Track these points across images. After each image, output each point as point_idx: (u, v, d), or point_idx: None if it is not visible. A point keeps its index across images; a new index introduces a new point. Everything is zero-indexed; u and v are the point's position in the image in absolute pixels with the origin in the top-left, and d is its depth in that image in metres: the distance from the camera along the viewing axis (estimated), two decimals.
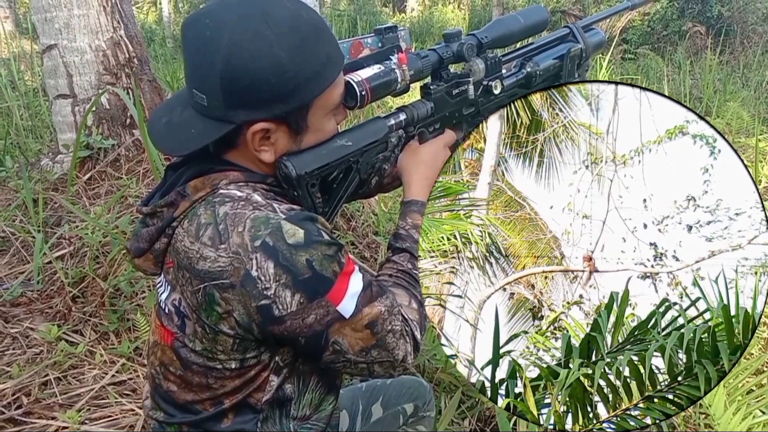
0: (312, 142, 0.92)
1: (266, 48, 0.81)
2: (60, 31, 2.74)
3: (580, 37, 1.14)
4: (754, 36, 8.31)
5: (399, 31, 1.02)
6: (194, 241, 0.86)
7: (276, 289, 0.81)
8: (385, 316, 0.88)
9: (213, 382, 0.93)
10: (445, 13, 13.72)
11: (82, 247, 2.37)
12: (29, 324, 2.16)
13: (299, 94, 0.85)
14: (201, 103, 0.86)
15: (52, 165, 2.86)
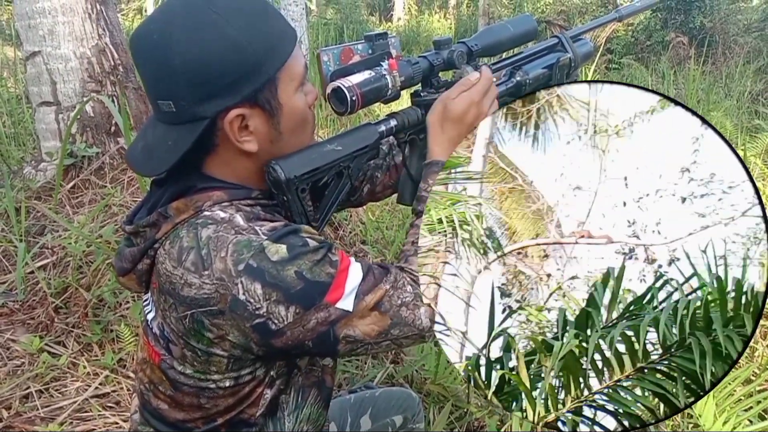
0: (291, 126, 0.90)
1: (218, 31, 0.80)
2: (44, 38, 2.71)
3: (568, 47, 1.15)
4: (735, 47, 8.43)
5: (389, 38, 1.01)
6: (177, 265, 0.83)
7: (268, 306, 0.79)
8: (390, 293, 0.85)
9: (205, 402, 0.91)
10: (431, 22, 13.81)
11: (65, 257, 2.33)
12: (10, 335, 2.12)
13: (262, 68, 0.83)
14: (170, 111, 0.83)
15: (35, 173, 2.82)
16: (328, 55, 0.97)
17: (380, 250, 2.84)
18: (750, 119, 5.39)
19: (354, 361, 2.11)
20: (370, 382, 1.96)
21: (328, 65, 0.97)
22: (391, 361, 2.13)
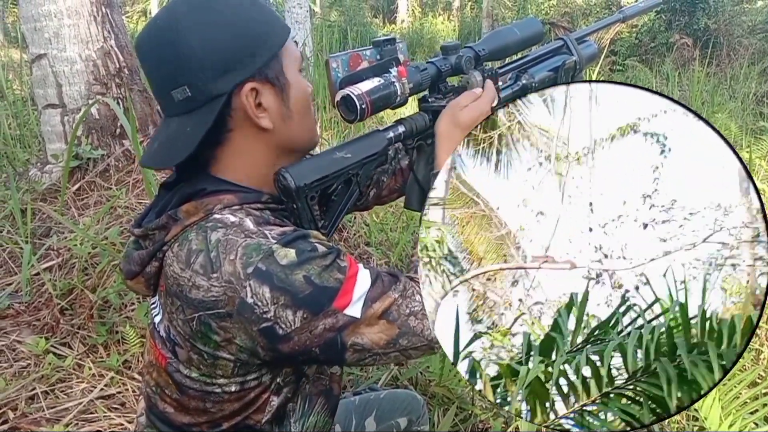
0: (299, 105, 0.93)
1: (222, 16, 0.86)
2: (50, 41, 2.72)
3: (573, 49, 1.15)
4: (740, 48, 8.41)
5: (397, 43, 1.01)
6: (185, 267, 0.83)
7: (275, 311, 0.79)
8: (399, 302, 0.84)
9: (211, 406, 0.91)
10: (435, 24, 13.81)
11: (71, 259, 2.34)
12: (16, 337, 2.13)
13: (267, 44, 0.88)
14: (185, 98, 0.85)
15: (40, 175, 2.84)
16: (337, 61, 0.97)
17: (384, 252, 2.84)
18: (755, 121, 5.38)
19: None
20: (375, 384, 1.96)
21: (337, 72, 0.97)
22: (395, 363, 2.13)
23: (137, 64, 2.97)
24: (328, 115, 4.26)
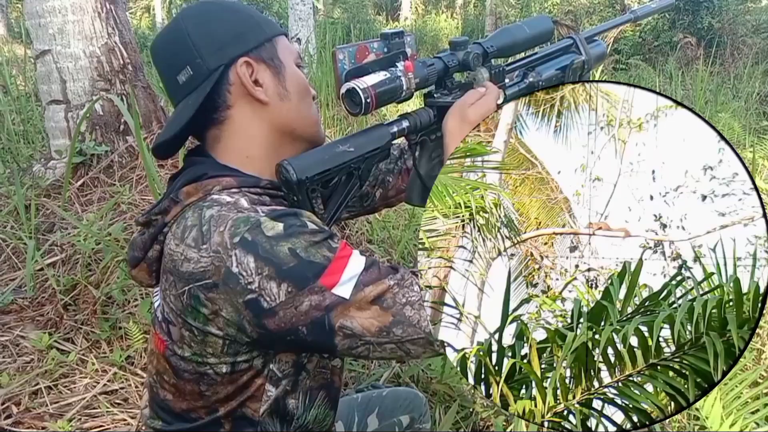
0: (296, 88, 0.99)
1: (221, 7, 0.97)
2: (54, 37, 2.72)
3: (582, 48, 1.14)
4: (744, 47, 8.40)
5: (405, 36, 1.01)
6: (179, 243, 0.86)
7: (260, 281, 0.79)
8: (395, 290, 0.81)
9: (205, 389, 0.92)
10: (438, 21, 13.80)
11: (74, 254, 2.34)
12: (20, 332, 2.13)
13: (261, 28, 0.98)
14: (188, 78, 0.94)
15: (44, 171, 2.84)
16: (343, 53, 0.97)
17: (386, 249, 2.84)
18: (758, 120, 5.38)
19: (360, 360, 2.12)
20: (377, 381, 1.97)
21: (343, 63, 0.96)
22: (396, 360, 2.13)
23: (141, 61, 2.97)
24: (331, 112, 4.26)
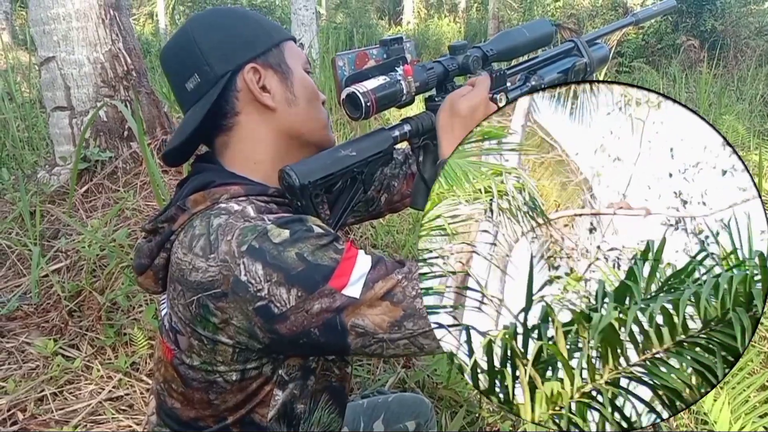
0: (304, 94, 0.99)
1: (228, 17, 0.99)
2: (58, 44, 2.73)
3: (584, 51, 1.14)
4: (747, 50, 8.37)
5: (405, 42, 1.01)
6: (187, 252, 0.85)
7: (269, 288, 0.79)
8: (403, 284, 0.80)
9: (214, 397, 0.91)
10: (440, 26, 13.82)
11: (79, 261, 2.35)
12: (25, 338, 2.14)
13: (267, 34, 0.98)
14: (196, 85, 0.94)
15: (48, 177, 2.85)
16: (343, 59, 0.97)
17: (391, 254, 2.84)
18: (762, 122, 5.36)
19: (366, 366, 2.11)
20: (382, 387, 1.96)
21: (343, 70, 0.97)
22: (402, 365, 2.12)
23: (145, 67, 2.99)
24: (334, 116, 4.27)
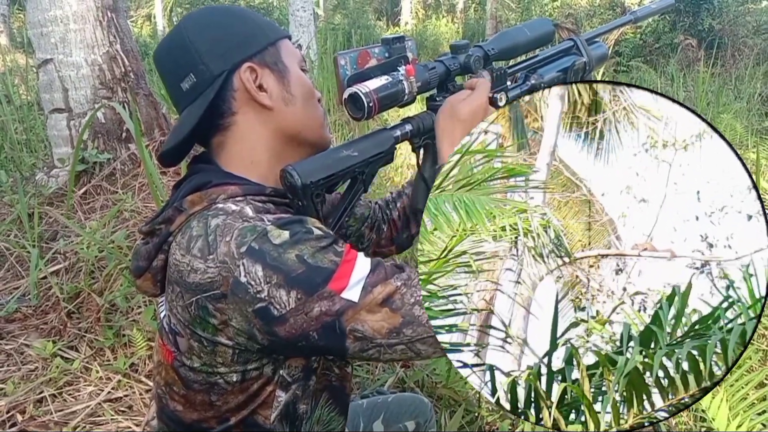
0: (301, 92, 0.98)
1: (222, 15, 0.97)
2: (56, 46, 2.73)
3: (584, 50, 1.14)
4: (744, 49, 8.39)
5: (406, 41, 1.01)
6: (185, 253, 0.85)
7: (269, 290, 0.79)
8: (402, 290, 0.80)
9: (216, 399, 0.91)
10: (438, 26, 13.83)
11: (78, 262, 2.35)
12: (24, 340, 2.13)
13: (264, 32, 0.97)
14: (191, 85, 0.93)
15: (47, 179, 2.84)
16: (345, 58, 0.97)
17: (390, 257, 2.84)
18: (760, 121, 5.37)
19: (365, 366, 2.11)
20: (382, 386, 1.96)
21: (345, 69, 0.96)
22: (401, 365, 2.12)
23: (142, 68, 2.98)
24: (333, 116, 4.27)
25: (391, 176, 3.74)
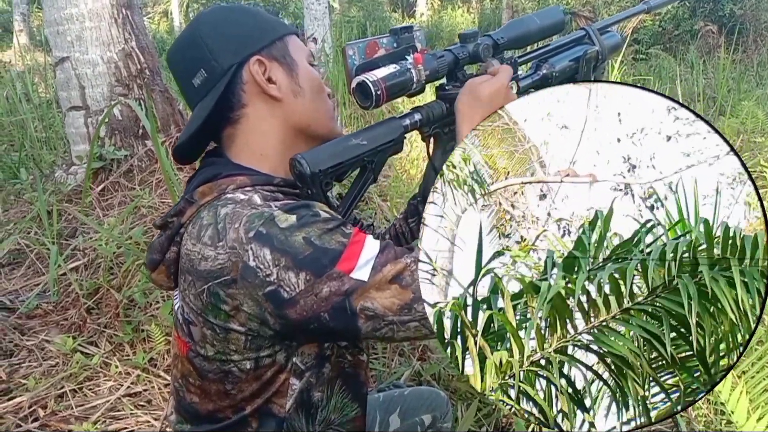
0: (309, 85, 0.99)
1: (233, 12, 1.00)
2: (72, 44, 2.75)
3: (596, 39, 1.13)
4: (767, 34, 8.22)
5: (414, 31, 1.01)
6: (196, 242, 0.87)
7: (278, 273, 0.80)
8: (412, 267, 0.80)
9: (231, 387, 0.92)
10: (454, 17, 13.74)
11: (96, 259, 2.38)
12: (45, 336, 2.16)
13: (273, 27, 1.00)
14: (203, 80, 0.96)
15: (66, 177, 2.88)
16: (353, 49, 0.97)
17: None
18: None
19: (381, 359, 2.11)
20: (398, 380, 1.96)
21: (353, 59, 0.97)
22: (418, 358, 2.12)
23: (158, 65, 3.00)
24: (348, 110, 4.26)
25: (407, 168, 3.73)
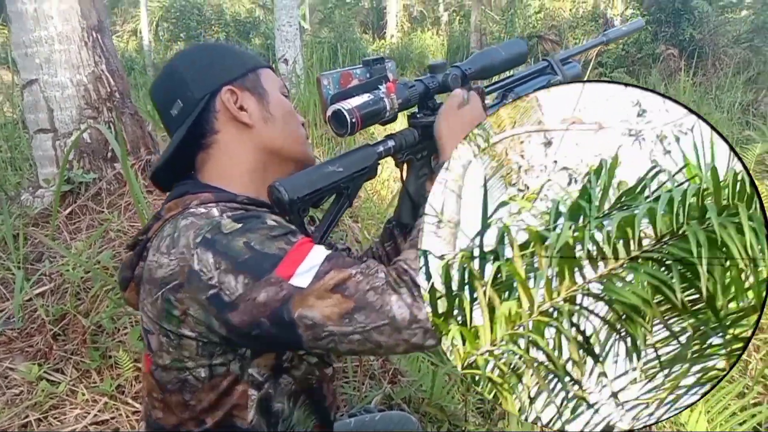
0: (280, 113, 1.05)
1: (210, 45, 1.13)
2: (41, 66, 2.72)
3: (558, 69, 1.19)
4: (725, 58, 8.52)
5: (386, 62, 1.05)
6: (155, 252, 0.90)
7: (218, 276, 0.82)
8: (358, 278, 0.79)
9: (189, 398, 0.93)
10: (423, 39, 13.93)
11: (63, 284, 2.33)
12: (9, 364, 2.11)
13: (246, 60, 1.07)
14: (179, 110, 1.01)
15: (32, 200, 2.83)
16: (328, 79, 1.01)
17: None
18: (741, 130, 5.43)
19: (352, 383, 2.11)
20: (369, 404, 1.96)
21: (327, 89, 1.00)
22: (388, 381, 2.13)
23: (128, 87, 2.98)
24: (319, 131, 4.28)
25: (378, 189, 3.75)
